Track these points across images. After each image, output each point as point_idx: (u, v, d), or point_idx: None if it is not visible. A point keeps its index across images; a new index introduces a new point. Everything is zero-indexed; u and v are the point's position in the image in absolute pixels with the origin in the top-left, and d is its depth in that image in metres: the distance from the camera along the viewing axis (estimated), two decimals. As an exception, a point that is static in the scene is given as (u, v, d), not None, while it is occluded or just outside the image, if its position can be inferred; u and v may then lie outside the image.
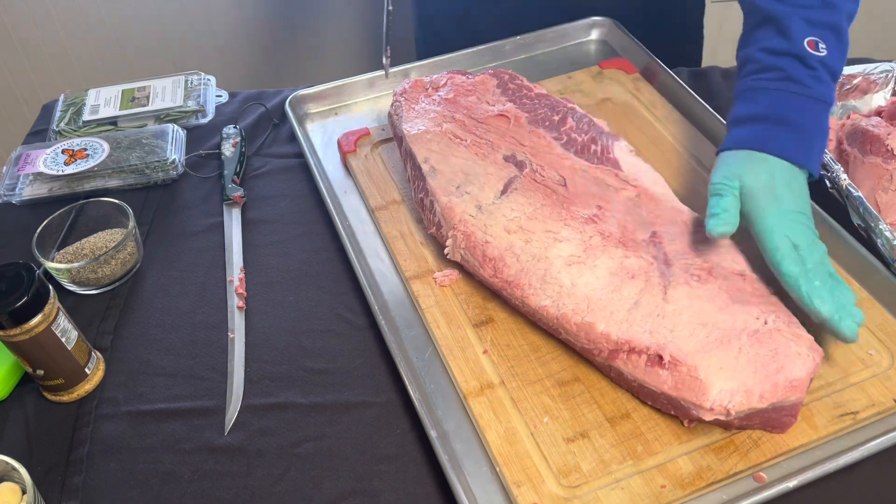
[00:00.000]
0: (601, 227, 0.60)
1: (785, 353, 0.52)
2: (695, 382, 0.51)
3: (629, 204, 0.62)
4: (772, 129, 0.61)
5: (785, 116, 0.61)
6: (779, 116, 0.61)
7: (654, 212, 0.61)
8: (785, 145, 0.61)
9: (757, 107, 0.63)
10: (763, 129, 0.62)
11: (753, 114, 0.63)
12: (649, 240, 0.59)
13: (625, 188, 0.63)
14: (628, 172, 0.65)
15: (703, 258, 0.58)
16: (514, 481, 0.52)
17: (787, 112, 0.62)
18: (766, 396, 0.50)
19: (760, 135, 0.61)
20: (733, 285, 0.56)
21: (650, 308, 0.55)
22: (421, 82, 0.77)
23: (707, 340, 0.52)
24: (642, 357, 0.53)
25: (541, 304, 0.57)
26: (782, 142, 0.61)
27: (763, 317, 0.54)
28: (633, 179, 0.64)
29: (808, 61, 0.62)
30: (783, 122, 0.61)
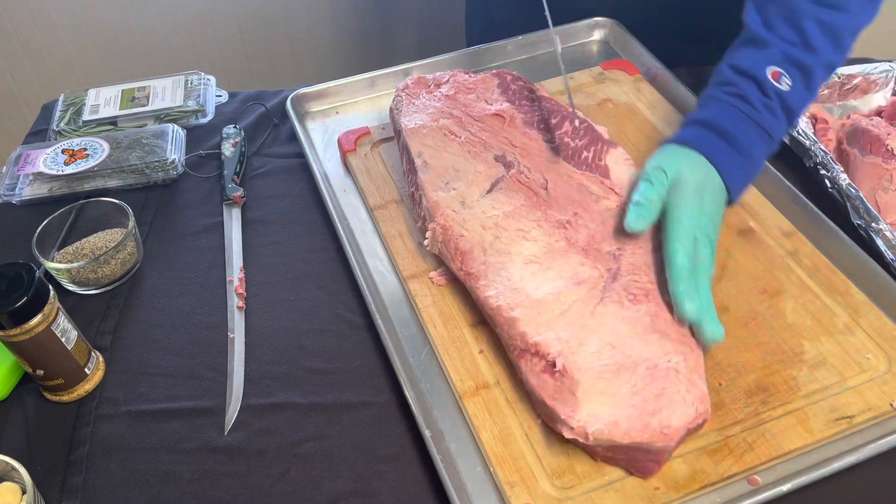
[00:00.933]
0: (570, 234, 0.60)
1: (670, 396, 0.50)
2: (571, 398, 0.51)
3: (606, 214, 0.62)
4: (716, 139, 0.63)
5: (728, 132, 0.63)
6: (724, 131, 0.63)
7: None
8: (724, 158, 0.62)
9: (708, 114, 0.64)
10: (708, 136, 0.63)
11: (703, 119, 0.64)
12: (613, 252, 0.59)
13: (607, 197, 0.63)
14: (616, 181, 0.65)
15: (648, 277, 0.57)
16: (507, 481, 0.52)
17: (732, 129, 0.63)
18: (631, 434, 0.49)
19: (705, 140, 0.63)
20: (660, 313, 0.55)
21: (575, 318, 0.55)
22: (424, 79, 0.77)
23: (606, 362, 0.52)
24: (541, 362, 0.53)
25: (486, 294, 0.57)
26: (723, 154, 0.62)
27: (670, 355, 0.52)
28: (618, 188, 0.64)
29: (765, 88, 0.63)
30: (725, 138, 0.63)
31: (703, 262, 0.57)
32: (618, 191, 0.64)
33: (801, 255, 0.66)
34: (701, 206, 0.59)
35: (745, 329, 0.61)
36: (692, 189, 0.59)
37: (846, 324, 0.61)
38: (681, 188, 0.59)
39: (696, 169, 0.61)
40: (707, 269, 0.57)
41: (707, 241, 0.58)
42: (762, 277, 0.64)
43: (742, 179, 0.63)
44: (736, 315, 0.62)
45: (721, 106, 0.64)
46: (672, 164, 0.61)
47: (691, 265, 0.56)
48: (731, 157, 0.62)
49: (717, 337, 0.54)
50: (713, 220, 0.59)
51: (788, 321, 0.61)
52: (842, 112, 0.81)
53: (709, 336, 0.54)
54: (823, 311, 0.62)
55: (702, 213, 0.59)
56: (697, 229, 0.58)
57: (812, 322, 0.61)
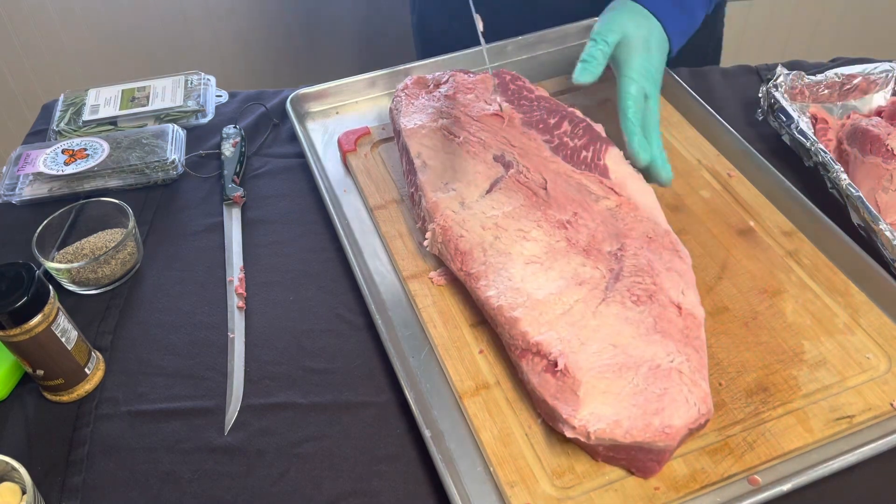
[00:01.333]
0: (570, 233, 0.60)
1: (673, 396, 0.50)
2: (572, 397, 0.51)
3: (606, 214, 0.62)
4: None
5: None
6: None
7: (630, 224, 0.61)
8: (665, 8, 0.69)
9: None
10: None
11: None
12: (614, 252, 0.59)
13: (607, 197, 0.63)
14: (615, 181, 0.64)
15: (653, 280, 0.57)
16: (507, 481, 0.52)
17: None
18: (633, 433, 0.49)
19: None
20: (665, 315, 0.55)
21: (577, 318, 0.55)
22: (423, 79, 0.77)
23: (607, 362, 0.52)
24: (543, 361, 0.53)
25: (487, 294, 0.57)
26: (668, 10, 0.69)
27: (673, 355, 0.53)
28: (618, 188, 0.64)
29: None
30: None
31: (652, 112, 0.66)
32: (618, 190, 0.64)
33: (801, 255, 0.66)
34: (649, 60, 0.66)
35: (745, 329, 0.61)
36: (639, 44, 0.66)
37: (846, 324, 0.61)
38: (628, 45, 0.67)
39: (641, 23, 0.67)
40: (655, 119, 0.66)
41: (655, 94, 0.66)
42: (762, 277, 0.64)
43: (682, 33, 0.70)
44: (736, 315, 0.62)
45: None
46: (618, 24, 0.68)
47: (641, 117, 0.65)
48: (672, 11, 0.68)
49: (668, 179, 0.66)
50: (659, 72, 0.67)
51: (788, 321, 0.61)
52: (842, 112, 0.81)
53: (664, 178, 0.66)
54: (823, 310, 0.62)
55: (650, 66, 0.66)
56: (646, 81, 0.66)
57: (812, 322, 0.61)
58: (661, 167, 0.66)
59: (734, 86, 0.88)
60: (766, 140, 0.80)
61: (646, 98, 0.66)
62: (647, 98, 0.66)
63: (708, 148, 0.77)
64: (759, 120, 0.80)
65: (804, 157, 0.75)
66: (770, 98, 0.78)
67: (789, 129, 0.75)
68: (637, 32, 0.67)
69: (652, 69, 0.66)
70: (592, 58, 0.66)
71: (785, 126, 0.76)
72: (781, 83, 0.78)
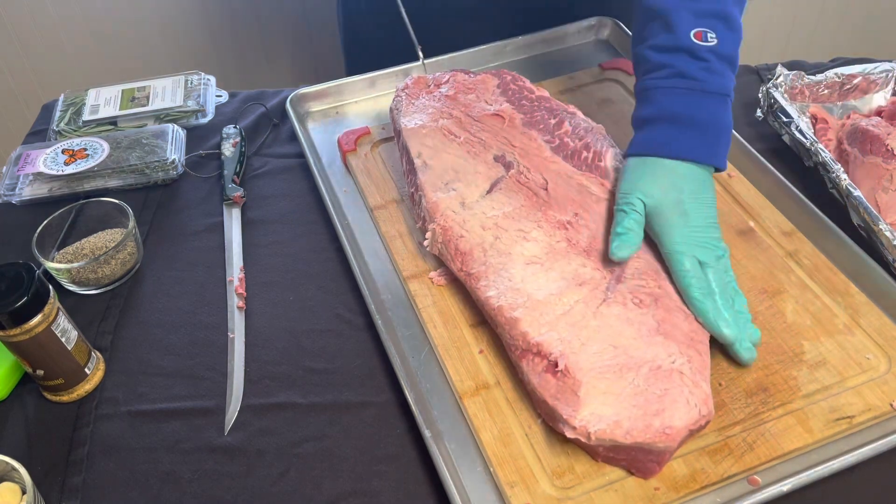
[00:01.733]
0: (571, 234, 0.60)
1: (673, 397, 0.50)
2: (573, 397, 0.51)
3: (607, 215, 0.62)
4: (671, 129, 0.61)
5: (681, 115, 0.60)
6: (676, 116, 0.61)
7: None
8: (685, 146, 0.60)
9: (653, 108, 0.62)
10: (662, 131, 0.61)
11: (651, 115, 0.62)
12: None
13: (608, 198, 0.63)
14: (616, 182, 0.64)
15: (657, 283, 0.57)
16: (507, 482, 0.52)
17: (684, 111, 0.61)
18: (633, 434, 0.49)
19: (661, 138, 0.61)
20: (669, 318, 0.55)
21: (577, 318, 0.55)
22: (424, 79, 0.77)
23: (608, 363, 0.52)
24: (543, 361, 0.53)
25: (487, 294, 0.57)
26: (683, 143, 0.60)
27: (674, 356, 0.52)
28: None
29: (697, 54, 0.61)
30: (680, 122, 0.60)
31: (713, 279, 0.57)
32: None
33: (801, 255, 0.66)
34: (687, 224, 0.58)
35: (745, 329, 0.61)
36: (670, 212, 0.58)
37: (846, 324, 0.61)
38: (660, 216, 0.58)
39: (666, 186, 0.59)
40: (724, 279, 0.57)
41: (709, 251, 0.58)
42: (762, 277, 0.64)
43: (720, 149, 0.61)
44: (736, 315, 0.62)
45: (665, 94, 0.62)
46: (640, 188, 0.59)
47: (707, 290, 0.56)
48: (698, 142, 0.60)
49: (750, 359, 0.56)
50: (708, 225, 0.59)
51: (788, 321, 0.61)
52: (842, 112, 0.81)
53: (745, 359, 0.56)
54: (823, 311, 0.62)
55: (690, 232, 0.58)
56: (695, 249, 0.57)
57: (812, 322, 0.61)
58: (743, 341, 0.56)
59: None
60: (766, 140, 0.80)
61: (702, 266, 0.57)
62: (703, 265, 0.57)
63: (708, 148, 0.77)
64: (759, 120, 0.80)
65: (804, 157, 0.75)
66: (770, 98, 0.78)
67: (789, 129, 0.75)
68: (663, 197, 0.58)
69: (695, 235, 0.57)
70: (628, 230, 0.58)
71: (785, 126, 0.76)
72: (781, 83, 0.78)
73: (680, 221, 0.58)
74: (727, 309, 0.56)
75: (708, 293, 0.56)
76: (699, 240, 0.58)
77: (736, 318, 0.56)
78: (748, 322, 0.57)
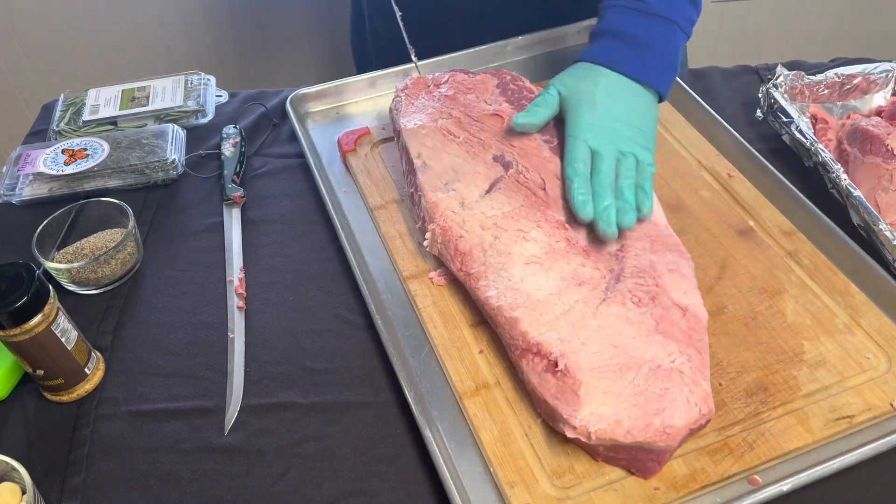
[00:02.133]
0: (570, 234, 0.60)
1: (674, 396, 0.50)
2: (573, 397, 0.51)
3: None
4: (606, 42, 0.66)
5: (619, 31, 0.65)
6: (614, 31, 0.65)
7: None
8: (613, 56, 0.65)
9: (600, 24, 0.68)
10: (600, 44, 0.66)
11: (596, 30, 0.68)
12: (615, 253, 0.59)
13: None
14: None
15: (655, 281, 0.57)
16: (507, 481, 0.52)
17: (622, 27, 0.65)
18: (634, 433, 0.49)
19: (596, 49, 0.66)
20: (668, 317, 0.55)
21: (577, 318, 0.55)
22: (423, 79, 0.77)
23: (608, 362, 0.52)
24: (543, 361, 0.53)
25: (487, 294, 0.57)
26: (611, 53, 0.65)
27: (674, 355, 0.52)
28: None
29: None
30: (616, 37, 0.65)
31: (603, 168, 0.60)
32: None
33: (801, 255, 0.66)
34: (593, 112, 0.62)
35: (745, 329, 0.61)
36: (580, 100, 0.63)
37: (846, 324, 0.61)
38: (570, 102, 0.64)
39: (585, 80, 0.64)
40: (608, 173, 0.60)
41: (606, 141, 0.61)
42: (762, 277, 0.64)
43: (649, 68, 0.65)
44: (736, 315, 0.62)
45: (613, 10, 0.67)
46: (560, 80, 0.66)
47: (581, 173, 0.60)
48: (625, 53, 0.64)
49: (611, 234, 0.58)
50: (618, 119, 0.62)
51: (788, 321, 0.61)
52: (842, 112, 0.81)
53: (603, 233, 0.58)
54: (823, 310, 0.62)
55: (593, 119, 0.62)
56: (590, 135, 0.61)
57: (812, 322, 0.61)
58: (604, 225, 0.58)
59: (734, 86, 0.88)
60: (766, 140, 0.80)
61: (593, 153, 0.61)
62: (596, 153, 0.61)
63: (708, 148, 0.77)
64: (759, 120, 0.80)
65: (804, 157, 0.75)
66: (770, 98, 0.78)
67: (789, 129, 0.75)
68: (576, 87, 0.64)
69: (597, 123, 0.62)
70: (535, 105, 0.65)
71: (785, 126, 0.76)
72: (781, 83, 0.78)
73: (586, 110, 0.63)
74: (600, 192, 0.59)
75: (580, 174, 0.60)
76: (602, 130, 0.62)
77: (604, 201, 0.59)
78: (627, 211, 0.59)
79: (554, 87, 0.66)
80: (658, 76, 0.65)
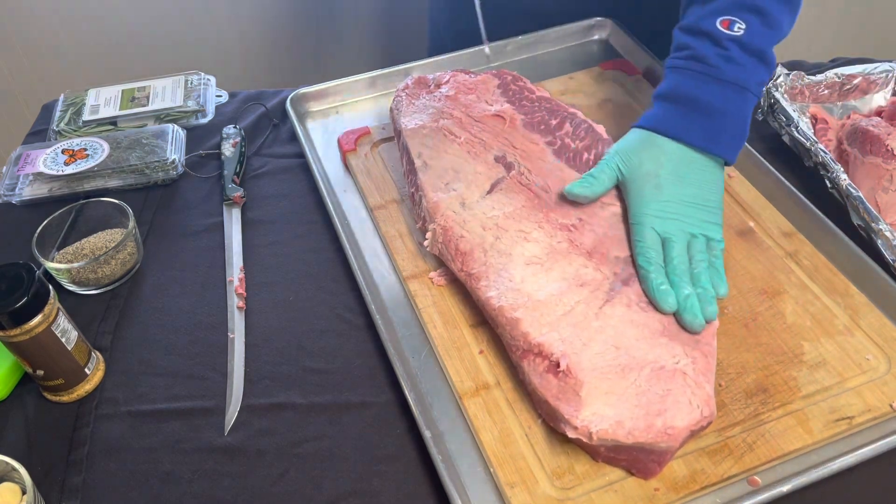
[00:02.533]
0: (573, 235, 0.60)
1: (676, 398, 0.50)
2: (574, 398, 0.51)
3: (613, 220, 0.62)
4: (671, 108, 0.61)
5: (686, 97, 0.60)
6: (681, 97, 0.60)
7: None
8: (680, 126, 0.60)
9: (664, 85, 0.63)
10: (664, 108, 0.61)
11: (660, 92, 0.63)
12: (623, 258, 0.59)
13: (612, 204, 0.63)
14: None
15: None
16: (507, 482, 0.52)
17: (690, 93, 0.60)
18: (635, 434, 0.49)
19: (661, 114, 0.61)
20: (674, 322, 0.55)
21: (579, 319, 0.55)
22: (424, 79, 0.77)
23: (610, 363, 0.52)
24: (545, 362, 0.53)
25: (488, 294, 0.57)
26: (678, 123, 0.60)
27: (678, 357, 0.52)
28: None
29: (719, 41, 0.60)
30: (683, 103, 0.60)
31: (674, 254, 0.57)
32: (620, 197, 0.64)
33: (800, 256, 0.66)
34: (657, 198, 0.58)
35: (745, 329, 0.61)
36: (643, 183, 0.59)
37: (846, 325, 0.61)
38: (634, 185, 0.59)
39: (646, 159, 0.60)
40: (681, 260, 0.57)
41: (676, 232, 0.58)
42: (762, 278, 0.64)
43: (719, 137, 0.60)
44: (736, 315, 0.62)
45: (679, 73, 0.62)
46: (622, 155, 0.61)
47: (655, 263, 0.56)
48: (694, 124, 0.60)
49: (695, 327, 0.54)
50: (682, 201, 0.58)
51: (788, 322, 0.61)
52: (842, 112, 0.81)
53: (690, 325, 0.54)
54: (823, 311, 0.62)
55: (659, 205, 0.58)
56: (657, 222, 0.58)
57: (812, 323, 0.61)
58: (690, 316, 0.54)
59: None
60: (766, 140, 0.80)
61: (664, 240, 0.57)
62: (667, 240, 0.57)
63: (708, 148, 0.77)
64: (759, 120, 0.80)
65: (804, 158, 0.75)
66: (770, 98, 0.78)
67: (789, 129, 0.75)
68: (638, 169, 0.59)
69: (663, 209, 0.58)
70: (593, 177, 0.60)
71: (785, 126, 0.76)
72: (781, 83, 0.78)
73: (651, 194, 0.58)
74: (677, 282, 0.55)
75: (654, 263, 0.56)
76: (669, 215, 0.58)
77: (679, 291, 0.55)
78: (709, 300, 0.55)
79: (614, 162, 0.61)
80: (728, 146, 0.60)
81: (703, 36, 0.61)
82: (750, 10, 0.61)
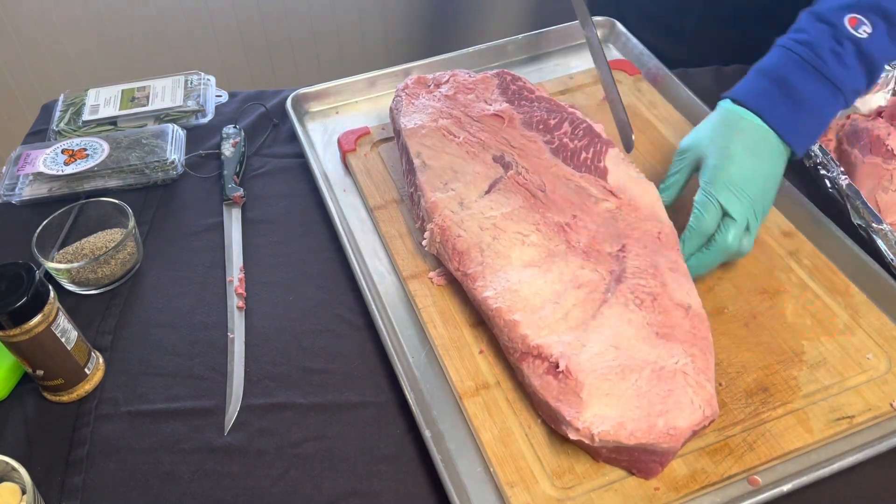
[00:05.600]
0: (570, 236, 0.60)
1: (677, 398, 0.50)
2: (575, 399, 0.50)
3: (606, 216, 0.62)
4: (767, 86, 0.60)
5: (785, 80, 0.59)
6: (780, 78, 0.60)
7: (632, 224, 0.61)
8: (765, 104, 0.60)
9: (768, 61, 0.62)
10: (759, 83, 0.61)
11: (762, 66, 0.62)
12: (616, 253, 0.59)
13: (606, 199, 0.63)
14: (615, 182, 0.64)
15: (657, 280, 0.57)
16: (507, 482, 0.52)
17: (790, 78, 0.59)
18: (637, 435, 0.49)
19: (754, 89, 0.61)
20: (670, 317, 0.55)
21: (577, 320, 0.55)
22: (423, 79, 0.77)
23: (610, 364, 0.52)
24: (544, 364, 0.53)
25: (484, 294, 0.57)
26: (764, 101, 0.60)
27: (678, 356, 0.52)
28: (617, 189, 0.63)
29: (838, 35, 0.59)
30: (781, 85, 0.60)
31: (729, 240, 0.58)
32: (617, 193, 0.64)
33: (801, 256, 0.66)
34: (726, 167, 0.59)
35: (745, 329, 0.61)
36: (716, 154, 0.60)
37: (846, 324, 0.61)
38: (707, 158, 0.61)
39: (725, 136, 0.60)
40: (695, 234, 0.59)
41: (708, 205, 0.59)
42: (762, 277, 0.64)
43: (796, 128, 0.59)
44: (736, 315, 0.62)
45: (786, 54, 0.60)
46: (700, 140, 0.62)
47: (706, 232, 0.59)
48: (779, 107, 0.59)
49: None
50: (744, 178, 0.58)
51: (788, 321, 0.61)
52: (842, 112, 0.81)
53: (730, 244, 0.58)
54: (824, 311, 0.62)
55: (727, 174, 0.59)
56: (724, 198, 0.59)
57: (812, 322, 0.61)
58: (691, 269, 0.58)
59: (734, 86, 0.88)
60: (766, 140, 0.79)
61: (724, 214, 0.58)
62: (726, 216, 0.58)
63: (708, 148, 0.77)
64: (760, 120, 0.80)
65: (804, 158, 0.75)
66: (770, 98, 0.78)
67: (789, 129, 0.75)
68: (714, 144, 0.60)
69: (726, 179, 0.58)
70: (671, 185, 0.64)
71: (785, 126, 0.76)
72: (781, 83, 0.78)
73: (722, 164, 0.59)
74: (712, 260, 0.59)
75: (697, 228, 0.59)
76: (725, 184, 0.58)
77: None
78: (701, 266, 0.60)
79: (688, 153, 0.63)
80: (801, 139, 0.60)
81: (826, 26, 0.60)
82: (885, 16, 0.59)
